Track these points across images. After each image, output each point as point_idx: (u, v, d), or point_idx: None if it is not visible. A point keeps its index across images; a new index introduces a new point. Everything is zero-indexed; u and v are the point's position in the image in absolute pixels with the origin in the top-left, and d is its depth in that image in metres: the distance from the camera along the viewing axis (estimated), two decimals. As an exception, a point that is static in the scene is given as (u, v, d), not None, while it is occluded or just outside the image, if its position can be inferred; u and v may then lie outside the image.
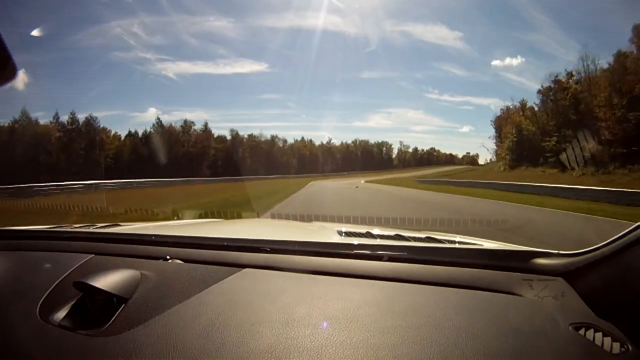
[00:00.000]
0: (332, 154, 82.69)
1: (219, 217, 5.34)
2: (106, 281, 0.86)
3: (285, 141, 75.27)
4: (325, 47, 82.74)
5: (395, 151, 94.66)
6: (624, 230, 0.80)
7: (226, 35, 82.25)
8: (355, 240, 1.31)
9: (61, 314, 0.85)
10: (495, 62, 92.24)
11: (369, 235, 1.42)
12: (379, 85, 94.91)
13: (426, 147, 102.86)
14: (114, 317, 0.80)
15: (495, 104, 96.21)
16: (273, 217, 6.05)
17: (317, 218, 6.11)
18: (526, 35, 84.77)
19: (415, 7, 75.91)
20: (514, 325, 0.77)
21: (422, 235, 1.46)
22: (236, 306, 0.85)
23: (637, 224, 0.76)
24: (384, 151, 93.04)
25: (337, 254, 1.09)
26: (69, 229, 1.52)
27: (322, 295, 0.88)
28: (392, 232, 1.44)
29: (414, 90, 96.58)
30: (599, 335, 0.72)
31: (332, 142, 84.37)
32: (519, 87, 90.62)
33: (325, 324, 0.75)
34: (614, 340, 0.71)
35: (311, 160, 76.50)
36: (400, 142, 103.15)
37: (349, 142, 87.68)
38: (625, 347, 0.70)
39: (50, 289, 0.95)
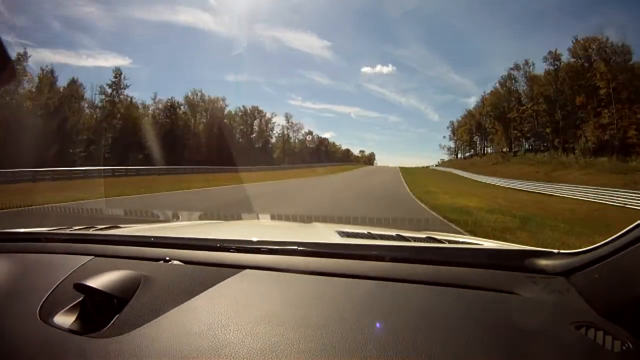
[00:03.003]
0: (135, 123, 38.74)
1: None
2: (106, 283, 0.86)
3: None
4: (193, 46, 75.53)
5: (275, 134, 61.18)
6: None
7: (93, 24, 65.48)
8: (356, 241, 1.31)
9: (61, 316, 0.85)
10: (365, 69, 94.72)
11: (369, 235, 1.42)
12: (242, 89, 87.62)
13: (321, 134, 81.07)
14: (114, 319, 0.80)
15: (356, 113, 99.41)
16: (273, 218, 6.01)
17: (317, 219, 6.10)
18: (392, 49, 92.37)
19: (287, 14, 75.22)
20: (515, 324, 0.77)
21: (423, 235, 1.47)
22: (236, 307, 0.85)
23: (636, 223, 0.75)
24: (255, 130, 55.92)
25: (337, 254, 1.08)
26: (68, 231, 1.52)
27: (323, 296, 0.88)
28: (392, 233, 1.44)
29: (278, 96, 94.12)
30: (600, 334, 0.72)
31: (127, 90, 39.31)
32: (380, 98, 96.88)
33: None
34: (614, 339, 0.71)
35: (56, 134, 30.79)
36: (287, 117, 64.10)
37: (179, 99, 45.79)
38: (626, 345, 0.70)
39: (51, 291, 0.95)
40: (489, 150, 61.58)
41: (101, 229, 1.59)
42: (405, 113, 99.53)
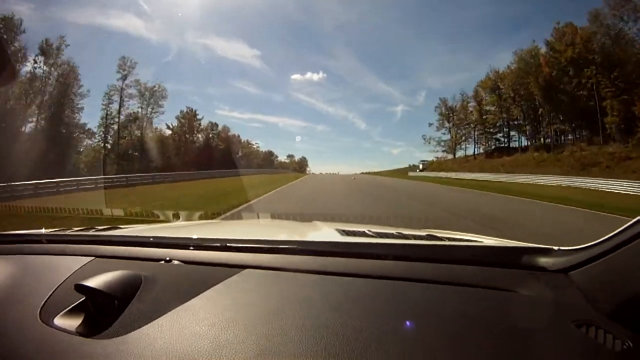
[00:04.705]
0: None
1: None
2: (107, 284, 0.86)
3: None
4: (122, 52, 66.27)
5: (105, 111, 36.34)
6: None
7: (24, 24, 49.38)
8: (357, 239, 1.30)
9: (62, 318, 0.85)
10: (295, 76, 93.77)
11: (370, 234, 1.42)
12: (170, 99, 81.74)
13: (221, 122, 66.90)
14: (115, 320, 0.80)
15: (285, 122, 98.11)
16: (273, 217, 5.99)
17: (318, 218, 6.10)
18: (323, 60, 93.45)
19: (219, 22, 71.38)
20: (515, 322, 0.77)
21: (424, 233, 1.47)
22: (237, 307, 0.85)
23: (637, 219, 0.75)
24: (39, 96, 29.45)
25: (339, 253, 1.08)
26: (69, 232, 1.52)
27: (324, 295, 0.88)
28: (393, 231, 1.44)
29: (205, 105, 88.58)
30: (600, 332, 0.72)
31: None
32: (308, 107, 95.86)
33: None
34: (615, 337, 0.71)
35: None
36: (122, 63, 38.69)
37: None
38: (627, 344, 0.70)
39: (52, 292, 0.95)
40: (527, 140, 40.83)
41: (101, 230, 1.59)
42: (333, 122, 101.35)
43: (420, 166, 58.26)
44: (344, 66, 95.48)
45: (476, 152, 49.28)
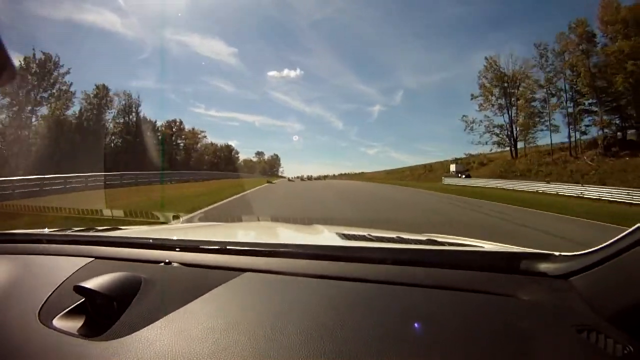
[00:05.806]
0: None
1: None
2: (106, 285, 0.86)
3: None
4: (98, 48, 67.15)
5: None
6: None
7: None
8: (357, 243, 1.30)
9: (61, 319, 0.85)
10: (272, 73, 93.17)
11: (370, 238, 1.42)
12: (145, 95, 77.31)
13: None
14: (114, 322, 0.80)
15: (261, 121, 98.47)
16: (274, 220, 5.98)
17: (318, 221, 6.08)
18: (300, 58, 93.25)
19: (196, 19, 71.79)
20: (516, 327, 0.77)
21: (424, 237, 1.46)
22: (237, 310, 0.85)
23: (637, 225, 0.75)
24: None
25: (338, 257, 1.08)
26: (69, 233, 1.52)
27: (324, 299, 0.88)
28: (394, 235, 1.44)
29: (181, 103, 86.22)
30: (601, 337, 0.72)
31: None
32: (284, 106, 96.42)
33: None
34: (616, 342, 0.71)
35: None
36: None
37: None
38: (628, 349, 0.69)
39: (51, 293, 0.95)
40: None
41: (102, 231, 1.59)
42: (309, 121, 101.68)
43: (453, 167, 37.28)
44: (321, 64, 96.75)
45: (572, 142, 27.87)
